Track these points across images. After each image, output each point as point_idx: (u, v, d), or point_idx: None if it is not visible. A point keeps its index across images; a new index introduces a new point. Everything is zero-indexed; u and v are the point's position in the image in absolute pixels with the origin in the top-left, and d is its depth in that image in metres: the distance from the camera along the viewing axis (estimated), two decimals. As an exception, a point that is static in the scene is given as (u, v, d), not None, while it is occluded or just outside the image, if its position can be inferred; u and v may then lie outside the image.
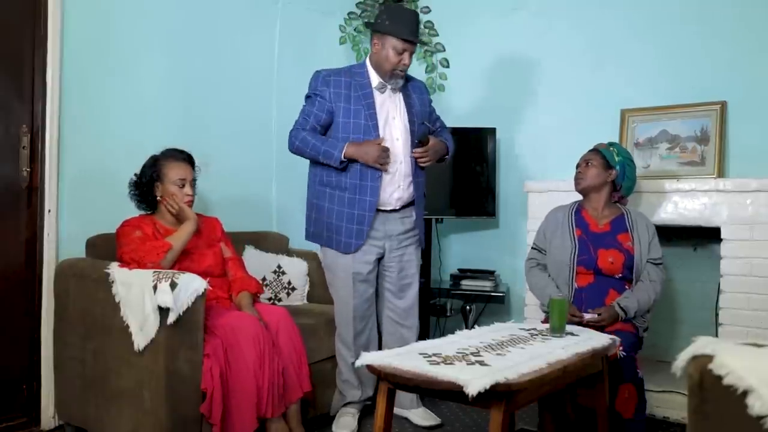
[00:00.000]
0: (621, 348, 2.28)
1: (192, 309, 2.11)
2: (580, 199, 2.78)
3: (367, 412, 2.73)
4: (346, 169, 2.57)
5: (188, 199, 2.53)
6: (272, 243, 3.28)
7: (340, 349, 2.72)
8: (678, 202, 2.98)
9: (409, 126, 2.67)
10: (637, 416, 2.32)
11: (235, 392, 2.22)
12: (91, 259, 2.51)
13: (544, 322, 2.53)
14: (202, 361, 2.18)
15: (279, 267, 3.15)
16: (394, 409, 2.02)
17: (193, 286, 2.10)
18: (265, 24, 3.55)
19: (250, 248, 3.15)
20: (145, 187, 2.52)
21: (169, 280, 2.07)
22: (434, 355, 1.78)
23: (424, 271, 2.86)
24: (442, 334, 2.33)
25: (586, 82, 3.50)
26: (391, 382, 1.78)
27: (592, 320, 2.46)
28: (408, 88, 2.73)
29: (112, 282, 2.22)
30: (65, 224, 2.62)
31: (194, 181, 2.58)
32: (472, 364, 1.70)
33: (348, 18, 3.89)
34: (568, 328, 2.21)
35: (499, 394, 1.58)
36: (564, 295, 2.57)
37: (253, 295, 2.59)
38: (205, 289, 2.14)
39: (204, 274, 2.27)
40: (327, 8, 3.84)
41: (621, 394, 2.31)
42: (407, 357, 1.76)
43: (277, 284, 3.12)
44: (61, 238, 2.60)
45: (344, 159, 2.54)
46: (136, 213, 2.56)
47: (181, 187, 2.51)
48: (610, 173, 2.66)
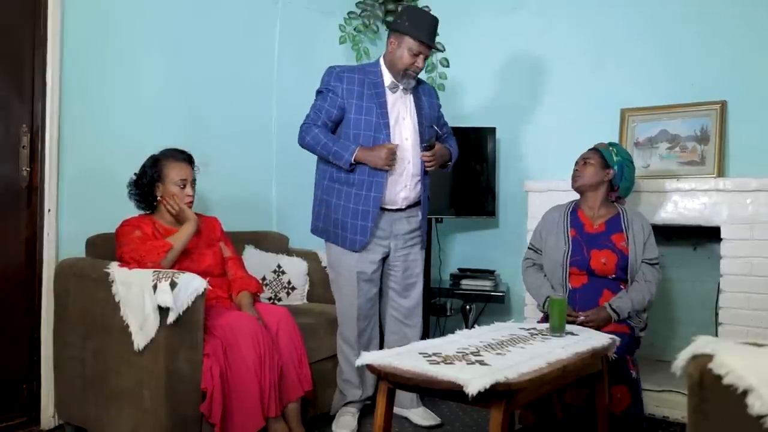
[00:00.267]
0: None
1: (192, 308, 2.11)
2: (577, 199, 2.78)
3: (367, 411, 2.74)
4: (354, 170, 2.59)
5: (189, 200, 2.53)
6: (272, 243, 3.28)
7: (343, 348, 2.72)
8: (678, 202, 2.98)
9: (418, 127, 2.68)
10: (629, 414, 2.32)
11: (236, 392, 2.23)
12: (91, 259, 2.51)
13: (541, 322, 2.53)
14: (202, 361, 2.18)
15: (279, 267, 3.15)
16: (394, 409, 2.02)
17: (192, 285, 2.10)
18: (265, 24, 3.55)
19: (250, 248, 3.15)
20: (146, 187, 2.52)
21: (169, 280, 2.07)
22: (434, 354, 1.78)
23: (424, 270, 2.86)
24: (442, 334, 2.33)
25: (586, 81, 3.50)
26: (391, 382, 1.78)
27: (579, 323, 2.45)
28: (418, 91, 2.75)
29: (112, 282, 2.22)
30: (65, 224, 2.62)
31: (194, 182, 2.58)
32: (472, 363, 1.70)
33: (348, 18, 3.88)
34: (568, 327, 2.21)
35: (499, 394, 1.58)
36: (563, 295, 2.57)
37: (253, 295, 2.59)
38: (205, 289, 2.14)
39: (204, 274, 2.27)
40: (327, 8, 3.84)
41: (614, 394, 2.31)
42: (407, 356, 1.76)
43: (277, 284, 3.12)
44: (61, 238, 2.60)
45: (353, 162, 2.55)
46: (136, 213, 2.56)
47: (182, 187, 2.51)
48: (608, 173, 2.66)
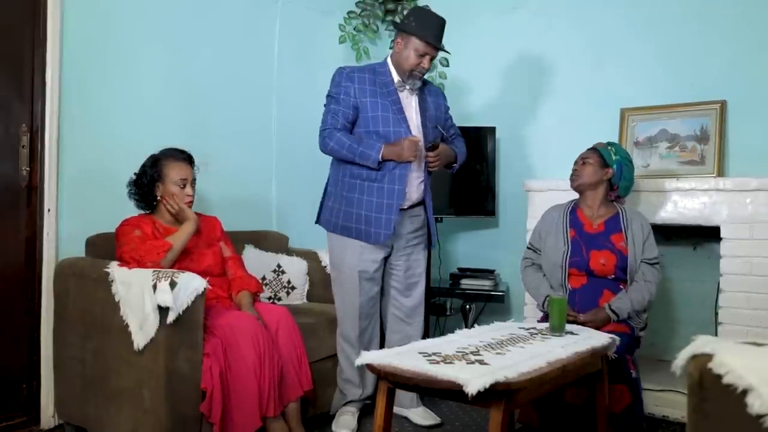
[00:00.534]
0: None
1: (192, 308, 2.11)
2: (577, 198, 2.78)
3: (367, 411, 2.74)
4: (380, 169, 2.58)
5: (189, 200, 2.53)
6: (272, 242, 3.28)
7: (344, 347, 2.72)
8: (678, 202, 2.97)
9: (421, 128, 2.68)
10: (630, 414, 2.32)
11: (236, 392, 2.23)
12: (91, 259, 2.51)
13: (541, 321, 2.53)
14: (202, 361, 2.18)
15: (279, 266, 3.15)
16: (394, 409, 2.01)
17: (192, 285, 2.10)
18: (264, 23, 3.55)
19: (250, 247, 3.15)
20: (146, 187, 2.52)
21: (169, 279, 2.07)
22: (434, 354, 1.78)
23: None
24: (442, 334, 2.33)
25: (586, 81, 3.50)
26: (391, 381, 1.78)
27: (579, 323, 2.45)
28: (424, 92, 2.74)
29: (112, 281, 2.22)
30: (65, 223, 2.62)
31: (194, 181, 2.58)
32: (472, 363, 1.70)
33: (348, 17, 3.88)
34: (568, 327, 2.21)
35: (498, 393, 1.58)
36: (563, 294, 2.57)
37: (253, 295, 2.59)
38: (205, 289, 2.14)
39: (204, 274, 2.27)
40: (326, 7, 3.84)
41: (612, 394, 2.31)
42: (407, 356, 1.76)
43: (277, 283, 3.12)
44: (61, 238, 2.60)
45: (381, 160, 2.55)
46: (136, 212, 2.56)
47: (182, 187, 2.51)
48: (606, 172, 2.66)
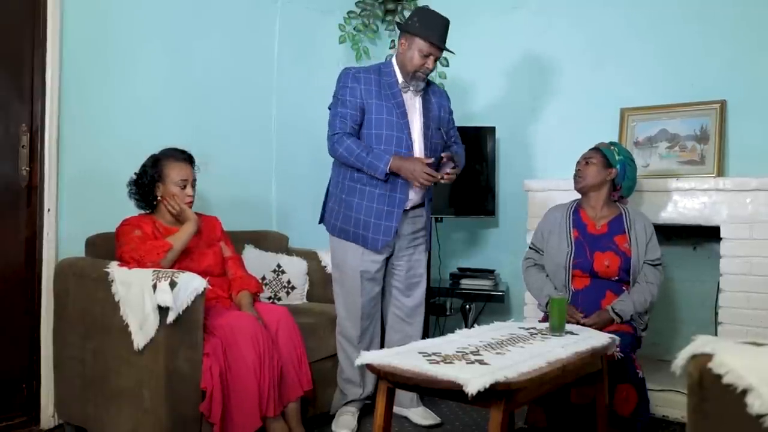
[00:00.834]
0: (618, 349, 2.27)
1: (191, 308, 2.11)
2: (579, 198, 2.77)
3: (366, 411, 2.73)
4: (388, 180, 2.57)
5: (189, 200, 2.52)
6: (272, 242, 3.28)
7: (344, 347, 2.72)
8: (678, 201, 2.97)
9: (424, 130, 2.67)
10: (637, 415, 2.32)
11: (235, 392, 2.23)
12: (91, 259, 2.51)
13: (541, 321, 2.53)
14: (202, 360, 2.18)
15: (279, 266, 3.15)
16: (394, 408, 2.01)
17: (192, 285, 2.10)
18: (264, 23, 3.55)
19: (250, 247, 3.14)
20: (146, 187, 2.51)
21: (169, 279, 2.07)
22: (434, 354, 1.78)
23: (424, 270, 2.86)
24: (442, 333, 2.33)
25: (586, 80, 3.50)
26: (391, 381, 1.78)
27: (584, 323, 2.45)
28: (428, 93, 2.73)
29: (112, 281, 2.22)
30: (65, 223, 2.62)
31: (194, 181, 2.58)
32: (472, 363, 1.70)
33: (347, 17, 3.88)
34: (568, 327, 2.21)
35: (498, 393, 1.58)
36: (563, 294, 2.57)
37: (253, 295, 2.59)
38: (205, 288, 2.14)
39: (204, 274, 2.27)
40: (326, 7, 3.84)
41: (619, 393, 2.31)
42: (407, 356, 1.76)
43: (277, 283, 3.12)
44: (61, 238, 2.60)
45: (389, 172, 2.54)
46: (136, 212, 2.56)
47: (183, 187, 2.51)
48: (610, 172, 2.66)
